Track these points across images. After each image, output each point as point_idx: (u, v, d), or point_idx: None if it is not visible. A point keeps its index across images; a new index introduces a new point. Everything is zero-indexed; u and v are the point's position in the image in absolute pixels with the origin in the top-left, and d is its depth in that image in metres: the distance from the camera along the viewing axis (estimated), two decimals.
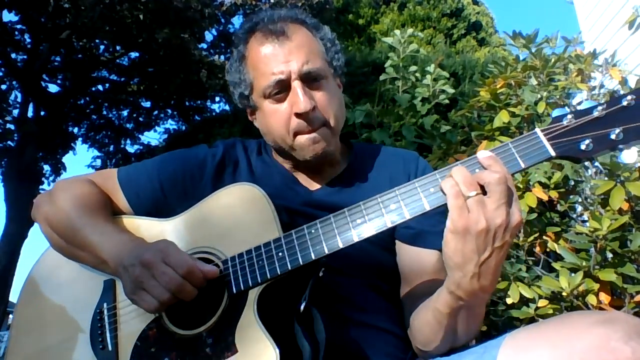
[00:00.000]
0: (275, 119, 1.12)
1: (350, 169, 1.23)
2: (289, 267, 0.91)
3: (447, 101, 2.80)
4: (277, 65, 1.09)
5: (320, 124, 1.11)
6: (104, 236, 1.03)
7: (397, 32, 2.82)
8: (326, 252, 0.90)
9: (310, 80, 1.11)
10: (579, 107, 0.87)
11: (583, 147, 0.83)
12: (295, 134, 1.11)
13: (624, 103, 0.83)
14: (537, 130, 0.86)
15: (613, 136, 0.82)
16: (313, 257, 0.90)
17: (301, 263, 0.91)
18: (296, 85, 1.08)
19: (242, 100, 1.21)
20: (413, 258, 1.11)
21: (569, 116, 0.85)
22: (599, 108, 0.84)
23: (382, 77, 2.92)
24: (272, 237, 0.95)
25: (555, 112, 0.88)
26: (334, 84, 1.18)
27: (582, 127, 0.84)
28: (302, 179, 1.22)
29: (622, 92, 2.00)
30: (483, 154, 0.84)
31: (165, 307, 0.91)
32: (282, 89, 1.10)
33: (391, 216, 0.88)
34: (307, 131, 1.10)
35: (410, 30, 2.85)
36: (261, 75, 1.11)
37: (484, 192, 0.79)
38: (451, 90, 2.77)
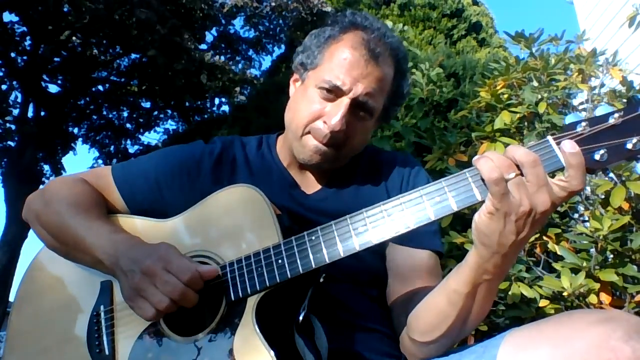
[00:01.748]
0: (307, 107, 1.12)
1: (346, 171, 1.23)
2: (289, 276, 0.89)
3: (445, 102, 2.80)
4: (347, 76, 1.08)
5: (336, 144, 1.11)
6: (98, 235, 1.01)
7: (389, 24, 2.81)
8: (327, 260, 0.88)
9: (359, 109, 1.11)
10: (595, 114, 0.81)
11: (597, 157, 0.77)
12: (309, 132, 1.12)
13: None
14: (549, 138, 0.81)
15: (630, 146, 0.76)
16: (313, 266, 0.88)
17: (301, 271, 0.89)
18: (345, 103, 1.08)
19: (299, 66, 1.20)
20: (405, 258, 1.10)
21: (583, 124, 0.80)
22: (616, 115, 0.78)
23: None
24: (271, 242, 0.93)
25: (569, 119, 0.83)
26: (372, 125, 1.19)
27: (596, 135, 0.78)
28: (300, 179, 1.21)
29: (638, 95, 1.97)
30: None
31: (162, 315, 0.90)
32: (333, 93, 1.09)
33: (395, 225, 0.85)
34: (319, 139, 1.10)
35: (399, 26, 2.84)
36: (329, 69, 1.11)
37: (520, 173, 0.77)
38: (446, 90, 2.76)
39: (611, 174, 1.83)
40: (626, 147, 0.77)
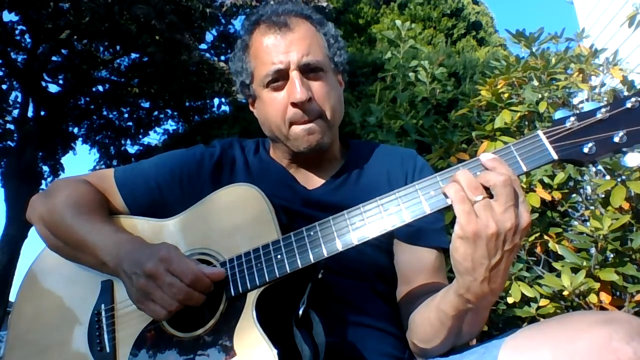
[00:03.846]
0: (273, 107, 1.13)
1: (348, 166, 1.23)
2: (288, 270, 0.90)
3: (446, 101, 2.80)
4: (277, 55, 1.10)
5: (316, 115, 1.12)
6: (101, 236, 1.02)
7: (398, 22, 2.81)
8: (325, 255, 0.89)
9: (309, 71, 1.12)
10: (582, 109, 0.85)
11: (586, 150, 0.81)
12: (291, 124, 1.12)
13: (628, 105, 0.81)
14: (540, 132, 0.84)
15: (616, 139, 0.80)
16: (312, 260, 0.89)
17: (300, 266, 0.90)
18: (294, 75, 1.09)
19: (243, 89, 1.22)
20: (412, 257, 1.11)
21: (572, 118, 0.83)
22: (603, 110, 0.82)
23: (380, 74, 2.92)
24: (270, 239, 0.95)
25: (558, 114, 0.86)
26: (333, 79, 1.19)
27: (585, 129, 0.82)
28: (300, 177, 1.21)
29: (625, 92, 1.99)
30: (486, 156, 0.82)
31: (173, 313, 0.91)
32: (280, 78, 1.11)
33: (391, 219, 0.87)
34: (302, 121, 1.11)
35: (407, 24, 2.84)
36: (262, 65, 1.13)
37: (490, 195, 0.77)
38: (450, 89, 2.77)
39: (600, 167, 1.84)
40: (613, 140, 0.81)
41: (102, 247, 1.01)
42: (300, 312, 0.90)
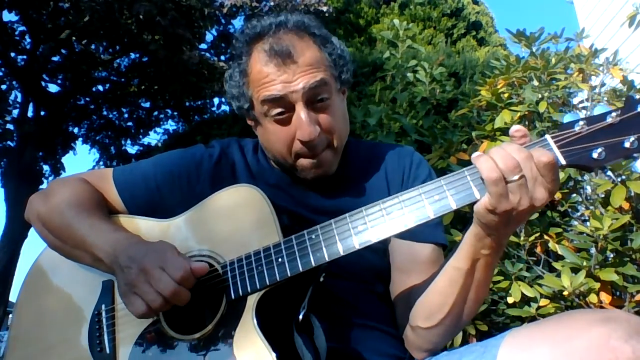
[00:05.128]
0: (277, 138, 1.08)
1: (346, 167, 1.20)
2: (289, 274, 0.90)
3: (446, 101, 2.80)
4: (280, 88, 1.02)
5: (324, 146, 1.08)
6: (98, 234, 1.02)
7: (396, 22, 2.80)
8: (326, 258, 0.88)
9: (315, 101, 1.05)
10: (592, 113, 0.83)
11: (595, 155, 0.79)
12: (298, 156, 1.09)
13: None
14: (547, 136, 0.82)
15: (627, 144, 0.77)
16: (313, 264, 0.89)
17: (301, 270, 0.89)
18: (300, 109, 1.03)
19: (240, 110, 1.15)
20: (408, 252, 1.10)
21: (581, 122, 0.81)
22: (613, 114, 0.80)
23: (379, 74, 2.92)
24: (271, 241, 0.94)
25: (567, 118, 0.85)
26: (338, 99, 1.13)
27: (594, 134, 0.80)
28: (298, 179, 1.19)
29: (635, 94, 1.99)
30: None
31: (155, 313, 0.90)
32: (285, 110, 1.04)
33: (394, 224, 0.86)
34: (310, 155, 1.07)
35: (404, 24, 2.83)
36: (264, 97, 1.05)
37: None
38: (449, 89, 2.77)
39: (609, 172, 1.83)
40: (624, 145, 0.78)
41: (99, 245, 1.00)
42: (301, 316, 0.90)
